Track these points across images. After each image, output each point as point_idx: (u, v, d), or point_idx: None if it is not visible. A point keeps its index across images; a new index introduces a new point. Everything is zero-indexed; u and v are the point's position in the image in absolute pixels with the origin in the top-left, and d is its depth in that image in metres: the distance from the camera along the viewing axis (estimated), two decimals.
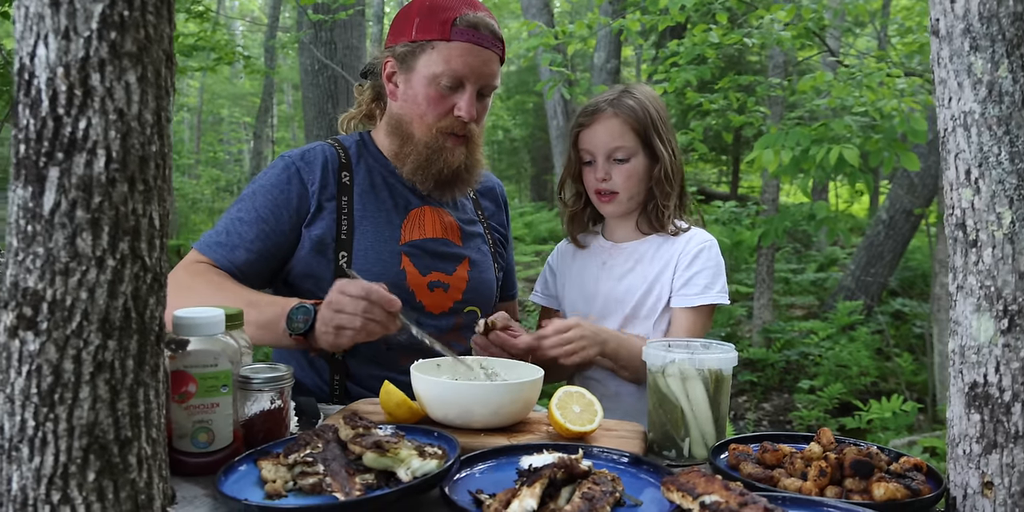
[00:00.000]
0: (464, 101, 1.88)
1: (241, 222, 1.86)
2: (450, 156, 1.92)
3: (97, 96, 0.92)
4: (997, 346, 1.13)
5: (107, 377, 0.94)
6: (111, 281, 0.94)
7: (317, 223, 1.88)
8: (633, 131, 2.00)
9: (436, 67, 1.85)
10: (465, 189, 2.05)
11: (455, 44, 1.84)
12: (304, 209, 1.88)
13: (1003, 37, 1.14)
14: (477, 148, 1.99)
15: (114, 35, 0.93)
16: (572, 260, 2.18)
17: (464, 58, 1.84)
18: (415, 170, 1.94)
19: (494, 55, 1.90)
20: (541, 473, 1.11)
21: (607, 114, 2.01)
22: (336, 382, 1.90)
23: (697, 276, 1.99)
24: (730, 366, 1.48)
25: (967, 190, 1.15)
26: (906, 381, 7.16)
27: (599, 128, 2.01)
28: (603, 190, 2.03)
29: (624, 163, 2.01)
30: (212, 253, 1.84)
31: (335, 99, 8.02)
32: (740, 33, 5.71)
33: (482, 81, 1.89)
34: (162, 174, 1.00)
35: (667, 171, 2.01)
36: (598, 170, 2.02)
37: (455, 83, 1.86)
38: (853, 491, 1.19)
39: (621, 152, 2.00)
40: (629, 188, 2.02)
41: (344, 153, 1.99)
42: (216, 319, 1.29)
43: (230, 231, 1.85)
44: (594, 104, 2.05)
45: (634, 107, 2.00)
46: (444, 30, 1.84)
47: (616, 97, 2.03)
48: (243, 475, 1.21)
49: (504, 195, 2.27)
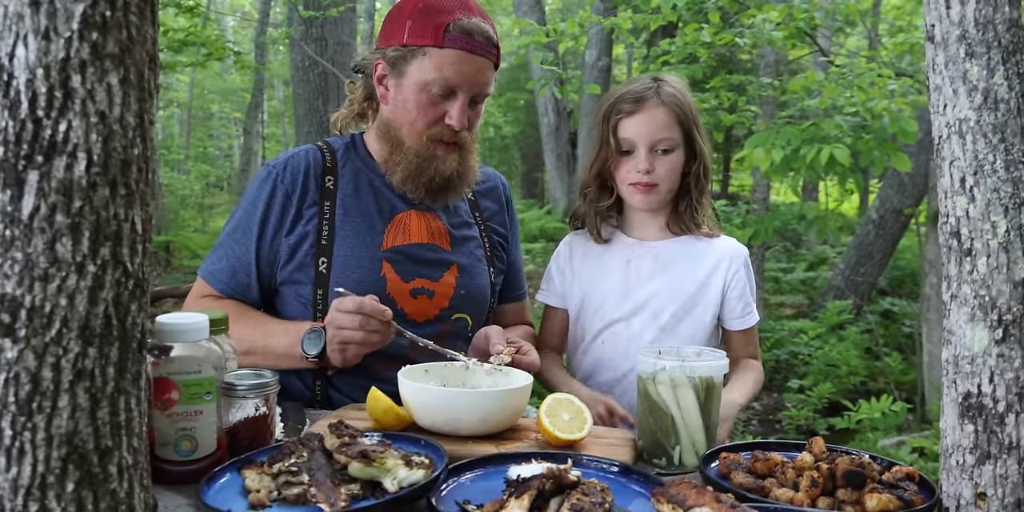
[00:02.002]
0: (456, 109, 1.83)
1: (236, 244, 1.90)
2: (441, 164, 1.88)
3: (78, 98, 0.90)
4: (991, 356, 1.12)
5: (87, 385, 0.92)
6: (91, 287, 0.92)
7: (297, 230, 1.87)
8: (679, 123, 1.93)
9: (427, 74, 1.80)
10: (458, 196, 2.00)
11: (448, 51, 1.79)
12: (286, 219, 1.88)
13: (999, 44, 1.13)
14: (470, 155, 1.94)
15: (96, 36, 0.91)
16: (591, 257, 2.08)
17: (457, 66, 1.80)
18: (405, 178, 1.90)
19: (488, 62, 1.85)
20: (530, 484, 1.09)
21: (653, 103, 1.92)
22: (318, 387, 1.87)
23: (748, 294, 1.98)
24: (721, 373, 1.47)
25: (962, 198, 1.14)
26: (895, 380, 7.18)
27: (644, 117, 1.92)
28: (643, 182, 1.94)
29: (668, 155, 1.93)
30: (216, 282, 1.90)
31: (325, 95, 7.98)
32: (732, 32, 5.70)
33: (475, 89, 1.84)
34: (145, 178, 0.98)
35: (706, 166, 1.97)
36: (641, 161, 1.92)
37: (446, 91, 1.82)
38: (845, 502, 1.18)
39: (666, 143, 1.92)
40: (671, 181, 1.95)
41: (331, 156, 1.96)
42: (200, 325, 1.26)
43: (228, 255, 1.90)
44: (634, 92, 1.95)
45: (679, 99, 1.93)
46: (437, 36, 1.79)
47: (658, 86, 1.95)
48: (227, 484, 1.19)
49: (507, 193, 2.21)
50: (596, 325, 2.03)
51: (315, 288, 1.85)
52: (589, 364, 2.03)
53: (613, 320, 2.00)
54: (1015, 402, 1.11)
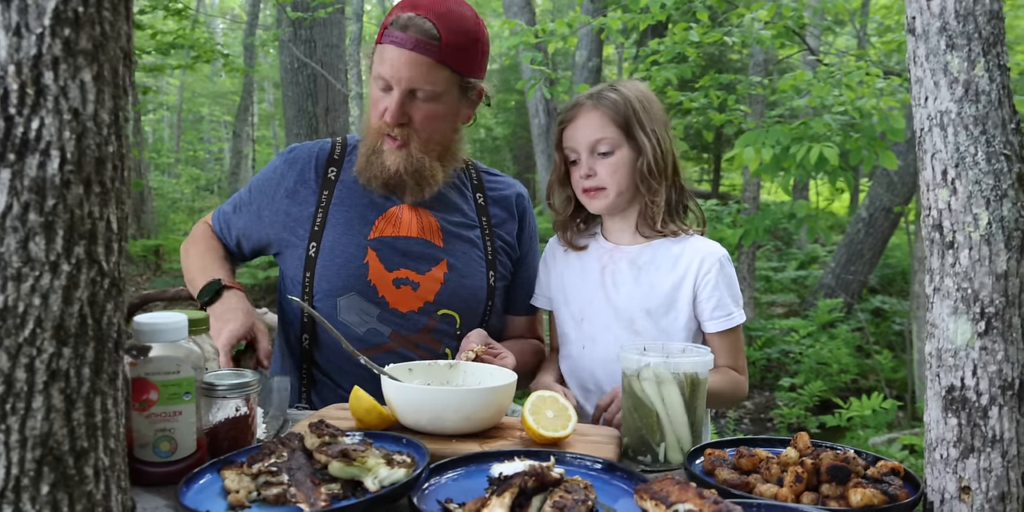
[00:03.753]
0: (389, 103, 1.87)
1: (240, 196, 2.11)
2: (387, 159, 1.91)
3: (50, 95, 0.89)
4: (974, 349, 1.12)
5: (62, 386, 0.91)
6: (66, 287, 0.90)
7: (297, 208, 2.00)
8: (614, 123, 1.91)
9: (375, 69, 1.88)
10: (420, 192, 1.98)
11: (383, 46, 1.85)
12: (293, 190, 2.01)
13: (979, 35, 1.13)
14: (421, 151, 1.92)
15: (68, 32, 0.89)
16: (569, 262, 2.06)
17: (388, 61, 1.84)
18: (360, 172, 1.97)
19: (420, 57, 1.83)
20: (511, 482, 1.08)
21: (587, 107, 1.94)
22: (303, 389, 1.87)
23: (725, 295, 1.90)
24: (706, 370, 1.46)
25: (944, 191, 1.14)
26: (886, 378, 7.20)
27: (580, 123, 1.94)
28: (590, 188, 1.93)
29: (608, 156, 1.91)
30: (215, 220, 2.16)
31: (315, 97, 7.97)
32: (720, 32, 5.70)
33: (405, 84, 1.84)
34: (120, 176, 0.96)
35: (650, 164, 1.90)
36: (582, 167, 1.93)
37: (385, 85, 1.87)
38: (830, 497, 1.18)
39: (604, 144, 1.91)
40: (617, 182, 1.92)
41: (341, 149, 2.06)
42: (179, 325, 1.25)
43: (233, 202, 2.13)
44: (576, 100, 1.99)
45: (615, 99, 1.92)
46: (382, 32, 1.87)
47: (598, 92, 1.96)
48: (206, 485, 1.17)
49: (524, 204, 2.18)
50: (575, 333, 2.00)
51: (304, 270, 1.94)
52: (569, 368, 2.01)
53: (592, 328, 1.97)
54: (998, 395, 1.11)
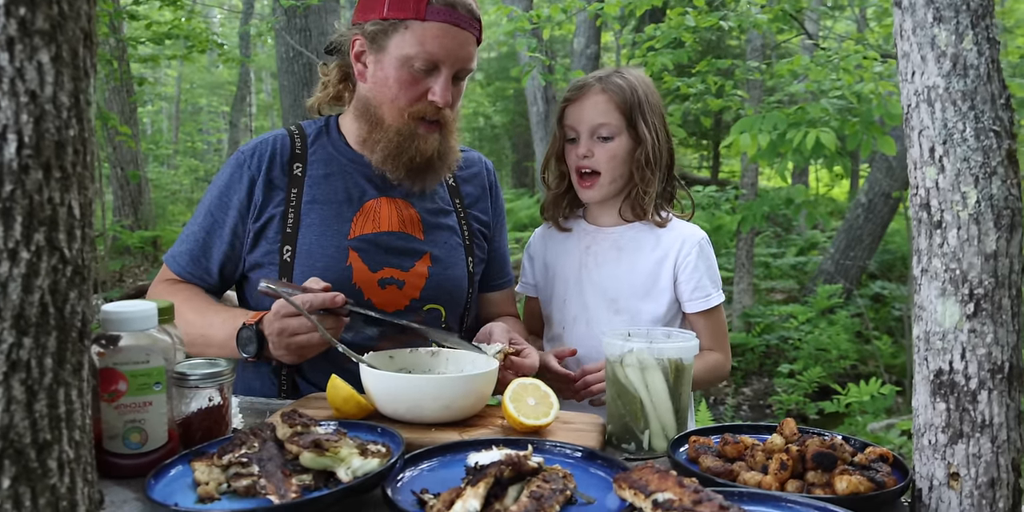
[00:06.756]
0: (439, 85, 1.77)
1: (200, 228, 1.87)
2: (423, 143, 1.81)
3: (6, 77, 0.85)
4: (963, 331, 1.08)
5: (23, 377, 0.87)
6: (25, 275, 0.87)
7: (263, 217, 1.83)
8: (619, 110, 1.92)
9: (409, 49, 1.74)
10: (438, 178, 1.93)
11: (430, 24, 1.72)
12: (252, 205, 1.84)
13: (967, 7, 1.09)
14: (451, 134, 1.87)
15: (23, 11, 0.85)
16: (554, 244, 2.09)
17: (440, 40, 1.73)
18: (385, 158, 1.83)
19: (471, 36, 1.79)
20: (487, 472, 1.05)
21: (595, 90, 1.94)
22: (284, 377, 1.83)
23: (704, 277, 1.94)
24: (691, 355, 1.43)
25: (931, 168, 1.10)
26: (885, 364, 7.17)
27: (585, 103, 1.94)
28: (584, 168, 1.95)
29: (608, 142, 1.93)
30: (177, 267, 1.89)
31: (310, 86, 7.90)
32: (716, 16, 5.64)
33: (458, 64, 1.78)
34: (82, 160, 0.93)
35: (648, 155, 1.93)
36: (581, 146, 1.94)
37: (429, 66, 1.76)
38: (815, 485, 1.15)
39: (605, 129, 1.92)
40: (611, 169, 1.94)
41: (301, 141, 1.91)
42: (148, 313, 1.22)
43: (191, 241, 1.88)
44: (583, 80, 1.98)
45: (622, 85, 1.93)
46: (419, 8, 1.72)
47: (607, 75, 1.96)
48: (176, 477, 1.14)
49: (493, 178, 2.14)
50: (558, 314, 2.03)
51: (280, 276, 1.80)
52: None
53: (573, 308, 1.99)
54: (988, 379, 1.07)
